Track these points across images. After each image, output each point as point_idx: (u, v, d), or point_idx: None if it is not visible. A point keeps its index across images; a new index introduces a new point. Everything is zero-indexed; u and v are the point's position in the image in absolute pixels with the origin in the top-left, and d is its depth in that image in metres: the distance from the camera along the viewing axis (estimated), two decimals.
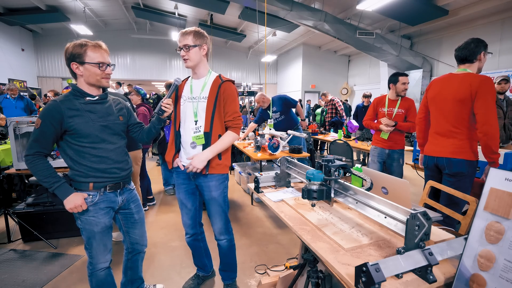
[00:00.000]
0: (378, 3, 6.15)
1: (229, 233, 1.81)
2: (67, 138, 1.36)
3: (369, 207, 0.98)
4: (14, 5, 8.72)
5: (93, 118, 1.38)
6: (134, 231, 1.65)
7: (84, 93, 1.39)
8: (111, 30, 11.99)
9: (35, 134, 1.31)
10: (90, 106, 1.39)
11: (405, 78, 2.80)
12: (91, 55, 1.34)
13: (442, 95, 1.98)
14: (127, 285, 1.77)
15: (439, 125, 2.01)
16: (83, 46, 1.34)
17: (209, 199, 1.71)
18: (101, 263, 1.50)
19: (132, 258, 1.71)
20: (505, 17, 6.65)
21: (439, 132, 2.01)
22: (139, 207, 1.66)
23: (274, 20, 8.50)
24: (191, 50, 1.56)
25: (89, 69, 1.35)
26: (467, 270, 0.78)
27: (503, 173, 0.77)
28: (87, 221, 1.41)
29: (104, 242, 1.48)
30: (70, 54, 1.34)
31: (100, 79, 1.39)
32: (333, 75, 12.94)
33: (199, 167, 1.57)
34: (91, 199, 1.41)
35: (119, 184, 1.49)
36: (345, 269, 0.82)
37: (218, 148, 1.61)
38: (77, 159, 1.37)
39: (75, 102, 1.36)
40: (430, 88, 2.11)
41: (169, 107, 1.53)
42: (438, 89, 2.02)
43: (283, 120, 4.05)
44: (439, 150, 1.98)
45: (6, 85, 5.70)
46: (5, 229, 2.61)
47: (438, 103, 2.02)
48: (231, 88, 1.65)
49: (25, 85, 10.22)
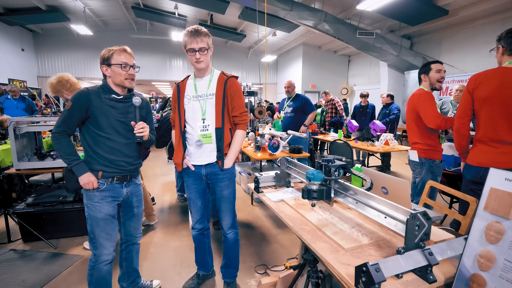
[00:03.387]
0: (378, 3, 6.15)
1: (236, 227, 1.87)
2: (88, 125, 1.50)
3: (369, 207, 0.98)
4: (14, 5, 8.71)
5: (113, 113, 1.52)
6: (130, 223, 1.75)
7: (111, 90, 1.55)
8: (111, 30, 11.98)
9: (64, 115, 1.46)
10: (113, 103, 1.53)
11: (438, 65, 2.22)
12: (116, 58, 1.51)
13: (502, 95, 1.60)
14: (124, 278, 1.82)
15: (501, 130, 1.63)
16: (111, 50, 1.53)
17: (221, 197, 1.76)
18: (103, 255, 1.56)
19: (126, 248, 1.79)
20: (505, 17, 6.64)
21: (501, 139, 1.63)
22: (140, 202, 1.75)
23: (274, 20, 8.49)
24: (207, 52, 1.59)
25: (114, 70, 1.51)
26: (467, 270, 0.78)
27: (503, 173, 0.77)
28: (93, 206, 1.52)
29: (107, 230, 1.56)
30: (102, 58, 1.53)
31: (123, 79, 1.53)
32: (333, 75, 12.93)
33: (229, 166, 1.71)
34: (99, 186, 1.52)
35: (126, 176, 1.61)
36: (345, 269, 0.82)
37: (237, 150, 1.73)
38: (92, 146, 1.51)
39: (102, 95, 1.51)
40: (478, 86, 1.70)
41: (143, 130, 1.55)
42: (493, 87, 1.64)
43: (292, 118, 4.06)
44: (505, 161, 1.61)
45: (7, 86, 5.71)
46: (5, 229, 2.61)
47: (497, 104, 1.63)
48: (237, 84, 1.70)
49: (25, 85, 10.22)
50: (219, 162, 1.68)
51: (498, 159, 1.64)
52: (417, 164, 2.29)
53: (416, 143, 2.29)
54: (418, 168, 2.30)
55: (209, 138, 1.65)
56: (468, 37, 7.54)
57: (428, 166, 2.22)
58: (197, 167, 1.71)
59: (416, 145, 2.29)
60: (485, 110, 1.68)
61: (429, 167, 2.22)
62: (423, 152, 2.23)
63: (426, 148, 2.22)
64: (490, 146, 1.68)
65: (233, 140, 1.71)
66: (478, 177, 1.73)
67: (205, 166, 1.70)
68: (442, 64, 2.24)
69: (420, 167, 2.27)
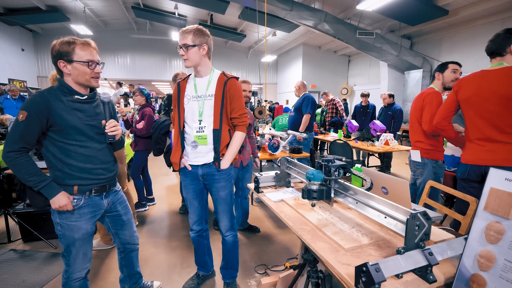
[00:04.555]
0: (378, 3, 6.15)
1: (234, 229, 1.86)
2: (52, 135, 1.27)
3: (369, 207, 0.98)
4: (14, 5, 8.72)
5: (81, 116, 1.32)
6: (123, 232, 1.63)
7: (73, 91, 1.32)
8: (111, 30, 11.99)
9: (20, 128, 1.20)
10: (78, 105, 1.32)
11: (456, 65, 2.21)
12: (79, 53, 1.28)
13: (481, 96, 1.68)
14: (125, 280, 1.78)
15: (484, 129, 1.69)
16: (71, 43, 1.27)
17: (218, 198, 1.75)
18: (77, 273, 1.41)
19: (125, 256, 1.71)
20: (505, 17, 6.64)
21: (484, 138, 1.70)
22: (127, 208, 1.62)
23: (274, 20, 8.49)
24: (190, 50, 1.55)
25: (77, 68, 1.29)
26: (467, 270, 0.78)
27: (503, 173, 0.77)
28: (68, 226, 1.34)
29: (84, 250, 1.41)
30: (57, 51, 1.27)
31: (89, 78, 1.33)
32: (333, 75, 12.94)
33: (226, 167, 1.69)
34: (75, 202, 1.34)
35: (105, 186, 1.44)
36: (345, 269, 0.82)
37: (235, 151, 1.70)
38: (62, 158, 1.29)
39: (63, 98, 1.28)
40: (460, 88, 1.80)
41: (115, 129, 1.40)
42: (473, 89, 1.72)
43: (292, 118, 4.05)
44: (488, 158, 1.67)
45: (7, 86, 5.71)
46: (5, 229, 2.61)
47: (476, 105, 1.71)
48: (237, 85, 1.66)
49: (25, 85, 10.22)
50: (215, 163, 1.67)
51: (483, 156, 1.69)
52: (419, 165, 2.26)
53: (418, 141, 2.25)
54: (420, 168, 2.26)
55: (204, 140, 1.64)
56: (468, 37, 7.55)
57: (430, 167, 2.19)
58: (194, 167, 1.70)
59: (418, 143, 2.25)
60: (469, 110, 1.76)
61: (432, 168, 2.19)
62: (425, 152, 2.21)
63: (429, 148, 2.19)
64: (476, 144, 1.74)
65: (231, 142, 1.69)
66: (466, 174, 1.78)
67: (201, 166, 1.69)
68: (460, 66, 2.24)
69: (422, 167, 2.24)
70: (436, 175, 2.20)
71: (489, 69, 1.70)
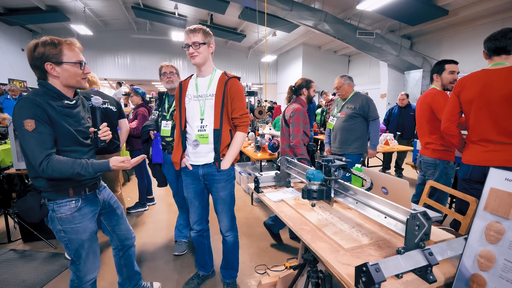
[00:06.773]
0: (378, 3, 6.15)
1: (235, 230, 1.86)
2: None
3: (369, 207, 0.98)
4: (14, 5, 8.71)
5: (71, 122, 1.27)
6: (120, 227, 1.62)
7: (62, 95, 1.26)
8: (111, 30, 11.97)
9: (35, 138, 1.14)
10: (68, 111, 1.28)
11: (453, 65, 2.17)
12: (68, 53, 1.22)
13: (485, 97, 1.64)
14: (125, 283, 1.75)
15: (488, 129, 1.66)
16: (58, 44, 1.21)
17: (218, 198, 1.75)
18: (90, 274, 1.41)
19: (124, 255, 1.69)
20: (505, 17, 6.63)
21: (489, 138, 1.66)
22: (117, 202, 1.62)
23: (274, 20, 8.49)
24: (201, 47, 1.57)
25: (68, 70, 1.23)
26: (467, 270, 0.78)
27: (503, 173, 0.77)
28: (73, 230, 1.32)
29: (93, 249, 1.41)
30: (41, 53, 1.18)
31: (80, 80, 1.29)
32: (333, 75, 12.83)
33: (226, 167, 1.69)
34: (75, 204, 1.33)
35: (96, 184, 1.44)
36: (345, 269, 0.82)
37: (235, 152, 1.70)
38: None
39: (53, 103, 1.22)
40: (463, 89, 1.75)
41: (106, 135, 1.43)
42: (477, 90, 1.68)
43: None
44: (491, 159, 1.65)
45: (7, 86, 5.71)
46: (5, 229, 2.61)
47: (480, 106, 1.67)
48: (238, 85, 1.66)
49: (25, 85, 10.21)
50: (216, 163, 1.67)
51: (485, 157, 1.67)
52: (430, 165, 2.21)
53: (429, 143, 2.21)
54: (431, 169, 2.21)
55: (206, 139, 1.64)
56: (468, 37, 7.54)
57: (442, 168, 2.16)
58: (194, 167, 1.71)
59: (429, 145, 2.21)
60: (472, 111, 1.72)
61: (444, 169, 2.16)
62: (437, 152, 2.17)
63: (440, 149, 2.15)
64: (479, 145, 1.72)
65: (232, 142, 1.69)
66: (468, 175, 1.76)
67: (202, 166, 1.70)
68: (457, 65, 2.19)
69: (434, 168, 2.19)
70: (447, 176, 2.17)
71: (492, 69, 1.67)
